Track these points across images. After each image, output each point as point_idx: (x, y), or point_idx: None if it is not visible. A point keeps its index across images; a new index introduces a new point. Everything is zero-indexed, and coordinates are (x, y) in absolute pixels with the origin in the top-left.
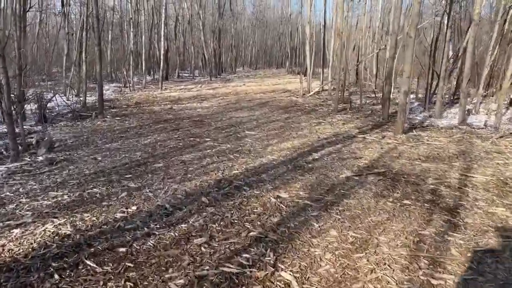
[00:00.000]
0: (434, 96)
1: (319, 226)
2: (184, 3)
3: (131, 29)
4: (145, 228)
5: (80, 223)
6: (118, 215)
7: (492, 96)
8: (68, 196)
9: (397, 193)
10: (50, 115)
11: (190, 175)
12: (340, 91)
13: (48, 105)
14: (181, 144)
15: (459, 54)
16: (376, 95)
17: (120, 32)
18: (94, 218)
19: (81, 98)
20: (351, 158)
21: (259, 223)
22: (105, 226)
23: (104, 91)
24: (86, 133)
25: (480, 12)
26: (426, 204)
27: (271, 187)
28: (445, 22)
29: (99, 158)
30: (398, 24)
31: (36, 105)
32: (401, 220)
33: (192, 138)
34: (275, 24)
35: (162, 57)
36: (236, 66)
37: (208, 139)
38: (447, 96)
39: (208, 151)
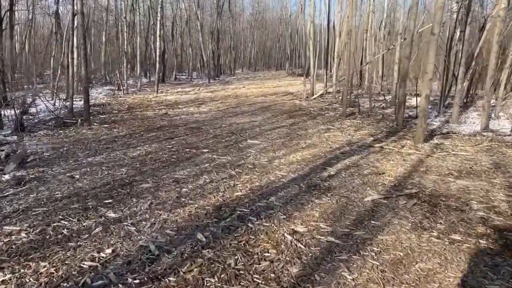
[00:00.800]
0: (447, 99)
1: (353, 279)
2: (182, 3)
3: (125, 29)
4: (120, 286)
5: (32, 279)
6: (86, 263)
7: None
8: (26, 234)
9: (440, 223)
10: (31, 123)
11: (183, 199)
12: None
13: (32, 110)
14: (175, 156)
15: (475, 54)
16: (385, 97)
17: (116, 34)
18: (52, 270)
19: (68, 103)
20: (372, 173)
21: (272, 275)
22: (64, 284)
23: (96, 95)
24: (67, 144)
25: (506, 7)
26: (481, 241)
27: (284, 217)
28: (461, 19)
29: (77, 177)
30: (415, 20)
31: (17, 111)
32: (458, 267)
33: (188, 149)
34: (274, 25)
35: (158, 58)
36: (235, 68)
37: (206, 150)
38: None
39: (206, 165)
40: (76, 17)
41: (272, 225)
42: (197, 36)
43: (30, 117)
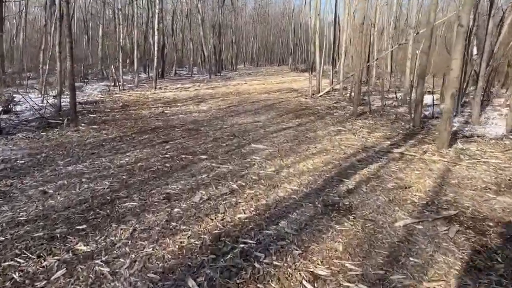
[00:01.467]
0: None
1: None
2: None
3: (121, 22)
4: None
5: None
6: None
7: None
8: None
9: (498, 261)
10: (11, 123)
11: (174, 224)
12: (353, 91)
13: (18, 109)
14: (168, 165)
15: (494, 50)
16: (396, 95)
17: (114, 27)
18: None
19: (56, 101)
20: (397, 187)
21: None
22: None
23: (90, 91)
24: (47, 149)
25: None
26: None
27: (299, 251)
28: (483, 11)
29: (51, 191)
30: (435, 11)
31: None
32: None
33: (183, 155)
34: (276, 20)
35: (156, 53)
36: (237, 63)
37: (204, 157)
38: (471, 96)
39: (204, 176)
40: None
41: (285, 265)
42: (198, 30)
43: (12, 116)
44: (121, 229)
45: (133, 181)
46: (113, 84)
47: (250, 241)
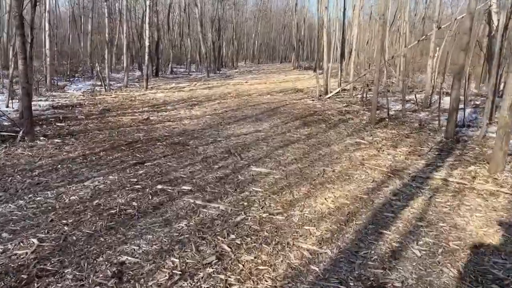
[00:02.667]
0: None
1: None
2: None
3: (106, 15)
4: None
5: None
6: None
7: None
8: None
9: None
10: None
11: None
12: (365, 92)
13: None
14: (135, 204)
15: None
16: (416, 98)
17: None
18: None
19: (19, 105)
20: (463, 246)
21: None
22: None
23: (73, 92)
24: None
25: None
26: None
27: None
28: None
29: None
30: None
31: None
32: None
33: (160, 186)
34: (278, 16)
35: (147, 49)
36: (238, 61)
37: (187, 187)
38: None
39: (182, 224)
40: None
41: None
42: (196, 25)
43: None
44: None
45: (76, 237)
46: (101, 83)
47: None
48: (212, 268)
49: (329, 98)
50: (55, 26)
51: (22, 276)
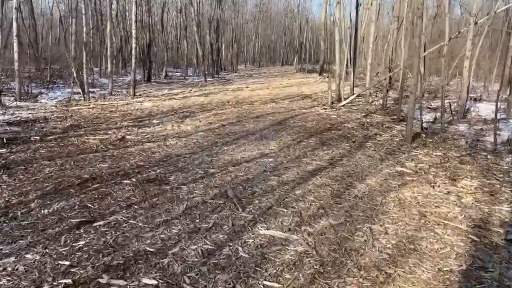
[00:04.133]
0: None
1: None
2: None
3: (83, 11)
4: None
5: None
6: None
7: None
8: None
9: None
10: None
11: None
12: (385, 99)
13: None
14: None
15: None
16: (451, 106)
17: (97, 23)
18: None
19: None
20: None
21: None
22: None
23: (46, 101)
24: None
25: None
26: None
27: None
28: None
29: None
30: None
31: None
32: None
33: (103, 279)
34: (279, 17)
35: (133, 51)
36: (238, 64)
37: (151, 283)
38: None
39: None
40: None
41: None
42: (193, 26)
43: None
44: None
45: None
46: (82, 92)
47: None
48: None
49: (343, 106)
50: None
51: None
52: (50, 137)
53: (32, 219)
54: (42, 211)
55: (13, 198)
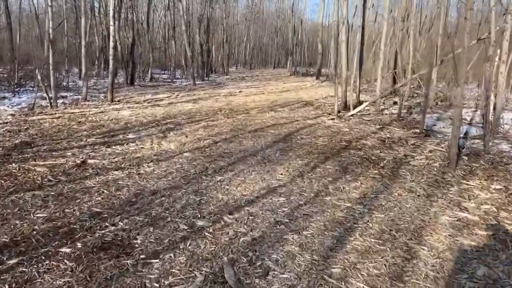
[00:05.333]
0: None
1: None
2: None
3: (48, 2)
4: None
5: None
6: None
7: None
8: None
9: None
10: None
11: None
12: (402, 108)
13: None
14: None
15: None
16: (486, 117)
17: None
18: None
19: None
20: None
21: None
22: None
23: (5, 109)
24: None
25: None
26: None
27: None
28: None
29: None
30: None
31: None
32: None
33: None
34: (271, 19)
35: (112, 51)
36: (229, 66)
37: None
38: None
39: None
40: None
41: None
42: (181, 25)
43: None
44: None
45: None
46: (48, 98)
47: None
48: None
49: (352, 116)
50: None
51: None
52: None
53: None
54: None
55: None
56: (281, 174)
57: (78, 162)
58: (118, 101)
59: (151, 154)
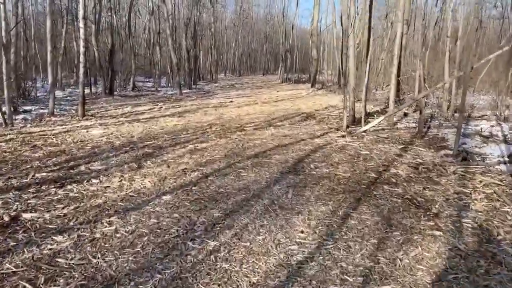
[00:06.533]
0: None
1: None
2: None
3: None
4: None
5: None
6: None
7: None
8: None
9: None
10: None
11: None
12: (424, 123)
13: None
14: None
15: None
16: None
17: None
18: None
19: None
20: None
21: None
22: None
23: None
24: None
25: None
26: None
27: None
28: None
29: None
30: None
31: None
32: None
33: None
34: (260, 24)
35: (82, 57)
36: (217, 73)
37: None
38: None
39: None
40: None
41: None
42: (166, 29)
43: None
44: None
45: None
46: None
47: None
48: None
49: (364, 133)
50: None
51: None
52: None
53: None
54: None
55: None
56: (301, 232)
57: (6, 219)
58: (91, 115)
59: (117, 198)
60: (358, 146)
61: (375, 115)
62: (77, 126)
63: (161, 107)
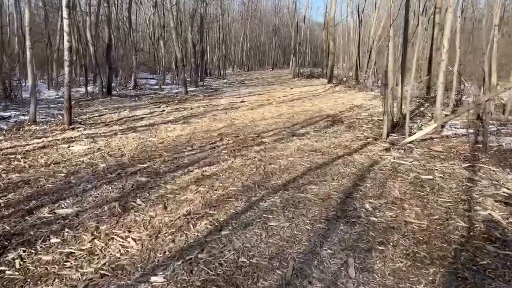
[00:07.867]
0: None
1: None
2: None
3: None
4: None
5: None
6: None
7: None
8: None
9: None
10: None
11: None
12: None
13: None
14: None
15: None
16: None
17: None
18: None
19: None
20: None
21: None
22: None
23: None
24: None
25: None
26: None
27: None
28: None
29: None
30: None
31: None
32: None
33: None
34: (268, 16)
35: (66, 54)
36: (226, 68)
37: None
38: None
39: None
40: None
41: None
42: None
43: None
44: None
45: None
46: None
47: None
48: None
49: (411, 143)
50: None
51: None
52: None
53: None
54: None
55: None
56: None
57: None
58: (80, 122)
59: (78, 284)
60: (412, 166)
61: (413, 118)
62: (58, 140)
63: (163, 111)
